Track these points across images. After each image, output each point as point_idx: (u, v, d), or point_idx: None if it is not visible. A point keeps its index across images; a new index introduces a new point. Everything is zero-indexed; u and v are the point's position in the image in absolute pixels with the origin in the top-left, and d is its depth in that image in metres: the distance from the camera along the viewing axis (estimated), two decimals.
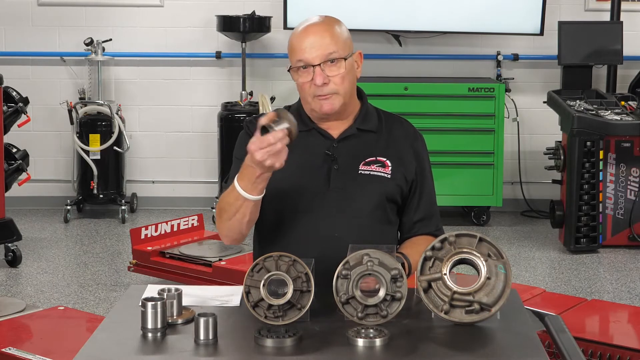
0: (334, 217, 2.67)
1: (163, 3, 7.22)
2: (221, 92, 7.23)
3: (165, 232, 5.52)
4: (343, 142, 2.74)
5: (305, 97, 2.69)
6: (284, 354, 2.19)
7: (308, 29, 2.66)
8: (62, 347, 3.40)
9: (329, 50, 2.63)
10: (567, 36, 6.59)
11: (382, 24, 6.98)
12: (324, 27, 2.67)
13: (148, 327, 2.27)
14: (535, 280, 5.61)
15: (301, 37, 2.66)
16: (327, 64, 2.63)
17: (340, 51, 2.64)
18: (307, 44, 2.63)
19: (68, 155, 7.18)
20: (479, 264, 2.35)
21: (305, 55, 2.63)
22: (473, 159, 6.77)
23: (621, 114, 6.17)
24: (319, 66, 2.63)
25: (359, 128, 2.76)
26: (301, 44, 2.64)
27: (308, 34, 2.65)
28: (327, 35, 2.65)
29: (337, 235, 2.68)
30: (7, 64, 7.04)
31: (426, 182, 2.81)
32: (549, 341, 2.93)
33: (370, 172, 2.72)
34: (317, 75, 2.62)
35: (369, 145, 2.75)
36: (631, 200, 6.18)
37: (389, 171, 2.73)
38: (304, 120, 2.74)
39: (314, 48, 2.63)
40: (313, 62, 2.63)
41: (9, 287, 5.41)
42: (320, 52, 2.63)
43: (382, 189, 2.72)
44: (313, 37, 2.64)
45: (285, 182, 2.66)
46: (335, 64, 2.64)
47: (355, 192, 2.69)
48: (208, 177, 7.27)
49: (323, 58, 2.63)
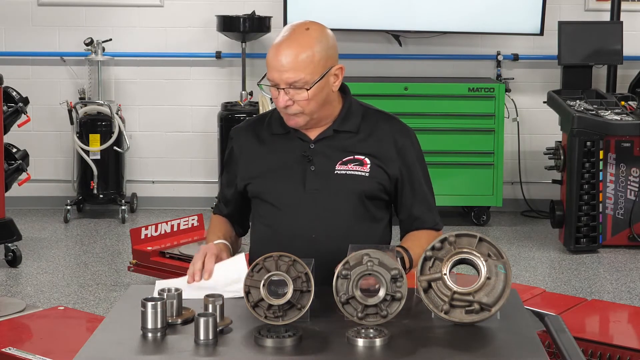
0: (311, 218, 2.69)
1: (163, 3, 7.22)
2: (221, 92, 7.23)
3: (165, 232, 5.52)
4: (319, 143, 2.74)
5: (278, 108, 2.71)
6: (284, 354, 2.19)
7: (281, 48, 2.60)
8: (62, 347, 3.39)
9: (295, 77, 2.59)
10: (567, 36, 6.59)
11: (382, 24, 6.98)
12: (297, 50, 2.59)
13: (148, 327, 2.27)
14: (535, 280, 5.61)
15: (274, 53, 2.62)
16: (291, 88, 2.61)
17: (307, 77, 2.60)
18: (277, 64, 2.60)
19: (68, 155, 7.18)
20: (479, 264, 2.35)
21: (274, 75, 2.61)
22: (473, 159, 6.77)
23: (621, 114, 6.17)
24: (283, 90, 2.61)
25: (336, 129, 2.75)
26: (272, 61, 2.62)
27: (280, 53, 2.60)
28: (297, 59, 2.59)
29: (315, 237, 2.70)
30: (7, 64, 7.04)
31: (415, 177, 2.78)
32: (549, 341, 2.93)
33: (347, 171, 2.72)
34: (280, 99, 2.62)
35: (346, 144, 2.74)
36: (631, 200, 6.18)
37: (367, 169, 2.72)
38: (283, 123, 2.76)
39: (281, 71, 2.60)
40: (279, 84, 2.61)
41: (9, 287, 5.41)
42: (286, 77, 2.59)
43: (359, 188, 2.71)
44: (284, 59, 2.59)
45: (263, 186, 2.76)
46: (300, 90, 2.61)
47: (331, 192, 2.70)
48: (208, 177, 7.27)
49: (288, 82, 2.60)
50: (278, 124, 2.77)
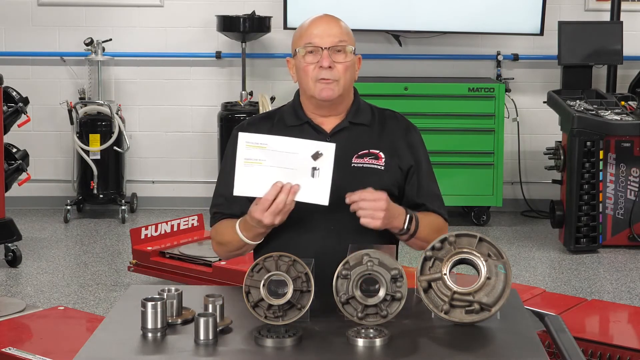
0: (329, 210, 2.67)
1: (163, 3, 7.22)
2: (221, 92, 7.23)
3: (165, 232, 5.52)
4: (336, 135, 2.76)
5: (307, 81, 2.74)
6: (284, 354, 2.19)
7: (320, 18, 2.78)
8: (62, 347, 3.40)
9: (339, 37, 2.73)
10: (567, 36, 6.59)
11: (382, 24, 6.98)
12: (336, 19, 2.78)
13: (148, 327, 2.27)
14: (535, 280, 5.61)
15: (313, 24, 2.76)
16: (334, 50, 2.72)
17: (348, 42, 2.74)
18: (319, 30, 2.73)
19: (68, 155, 7.18)
20: (479, 264, 2.35)
21: (316, 39, 2.72)
22: (473, 159, 6.77)
23: (621, 114, 6.17)
24: (327, 50, 2.71)
25: (352, 122, 2.79)
26: (312, 29, 2.74)
27: (320, 21, 2.76)
28: (338, 25, 2.76)
29: (334, 229, 2.70)
30: (7, 64, 7.04)
31: (422, 171, 2.83)
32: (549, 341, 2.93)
33: (364, 164, 2.75)
34: (324, 58, 2.70)
35: (362, 138, 2.77)
36: (631, 200, 6.18)
37: (383, 163, 2.76)
38: (298, 114, 2.79)
39: (325, 33, 2.73)
40: (322, 45, 2.71)
41: (9, 287, 5.41)
42: (331, 38, 2.72)
43: (376, 181, 2.72)
44: (325, 25, 2.75)
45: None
46: (342, 53, 2.73)
47: (348, 185, 2.69)
48: (208, 177, 7.26)
49: (333, 44, 2.72)
50: (292, 116, 2.80)
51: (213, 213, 2.84)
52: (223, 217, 2.80)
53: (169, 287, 2.41)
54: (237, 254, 2.79)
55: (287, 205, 2.52)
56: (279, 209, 2.51)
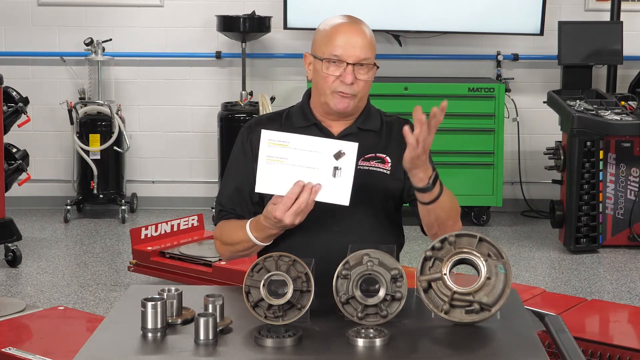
0: (333, 211, 2.67)
1: (163, 3, 7.22)
2: (221, 92, 7.23)
3: (165, 232, 5.52)
4: (343, 139, 2.74)
5: (324, 89, 2.71)
6: (284, 354, 2.19)
7: (352, 27, 2.70)
8: (62, 347, 3.40)
9: (365, 54, 2.68)
10: (567, 36, 6.59)
11: (382, 24, 6.97)
12: (361, 27, 2.72)
13: (148, 327, 2.27)
14: (535, 280, 5.61)
15: (338, 32, 2.69)
16: (358, 66, 2.68)
17: (372, 57, 2.71)
18: (348, 42, 2.68)
19: (68, 155, 7.19)
20: (479, 264, 2.35)
21: (342, 52, 2.67)
22: (473, 159, 6.77)
23: (621, 114, 6.17)
24: (352, 66, 2.67)
25: (360, 127, 2.78)
26: (337, 39, 2.68)
27: (351, 32, 2.70)
28: (363, 35, 2.70)
29: (337, 230, 2.70)
30: (7, 64, 7.04)
31: None
32: (549, 341, 2.93)
33: (370, 167, 2.75)
34: (347, 74, 2.67)
35: (369, 143, 2.76)
36: (631, 200, 6.18)
37: (389, 167, 2.76)
38: (306, 116, 2.78)
39: (354, 48, 2.67)
40: (347, 59, 2.67)
41: (9, 287, 5.41)
42: (356, 53, 2.67)
43: (381, 184, 2.73)
44: (356, 38, 2.69)
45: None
46: (364, 69, 2.69)
47: (353, 187, 2.69)
48: (208, 177, 7.27)
49: (357, 60, 2.67)
50: (300, 117, 2.78)
51: (218, 211, 2.83)
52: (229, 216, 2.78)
53: (169, 287, 2.41)
54: (242, 255, 2.75)
55: (309, 205, 2.50)
56: (301, 208, 2.48)
